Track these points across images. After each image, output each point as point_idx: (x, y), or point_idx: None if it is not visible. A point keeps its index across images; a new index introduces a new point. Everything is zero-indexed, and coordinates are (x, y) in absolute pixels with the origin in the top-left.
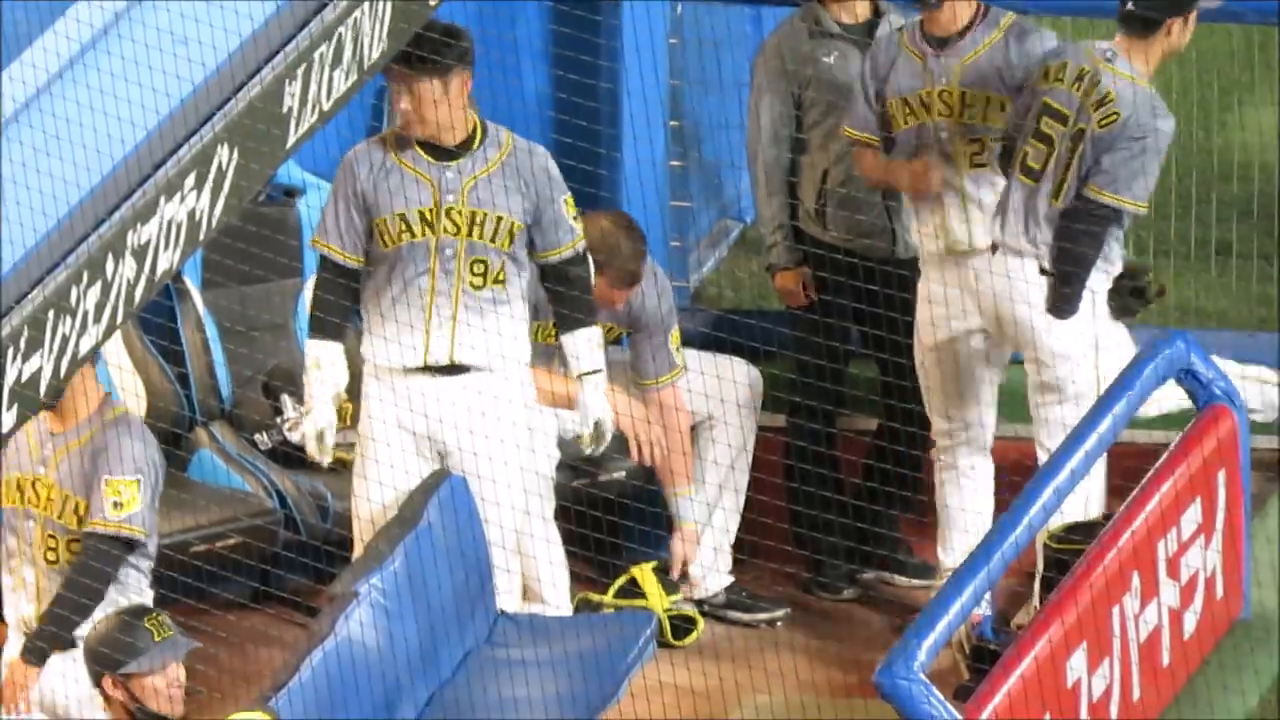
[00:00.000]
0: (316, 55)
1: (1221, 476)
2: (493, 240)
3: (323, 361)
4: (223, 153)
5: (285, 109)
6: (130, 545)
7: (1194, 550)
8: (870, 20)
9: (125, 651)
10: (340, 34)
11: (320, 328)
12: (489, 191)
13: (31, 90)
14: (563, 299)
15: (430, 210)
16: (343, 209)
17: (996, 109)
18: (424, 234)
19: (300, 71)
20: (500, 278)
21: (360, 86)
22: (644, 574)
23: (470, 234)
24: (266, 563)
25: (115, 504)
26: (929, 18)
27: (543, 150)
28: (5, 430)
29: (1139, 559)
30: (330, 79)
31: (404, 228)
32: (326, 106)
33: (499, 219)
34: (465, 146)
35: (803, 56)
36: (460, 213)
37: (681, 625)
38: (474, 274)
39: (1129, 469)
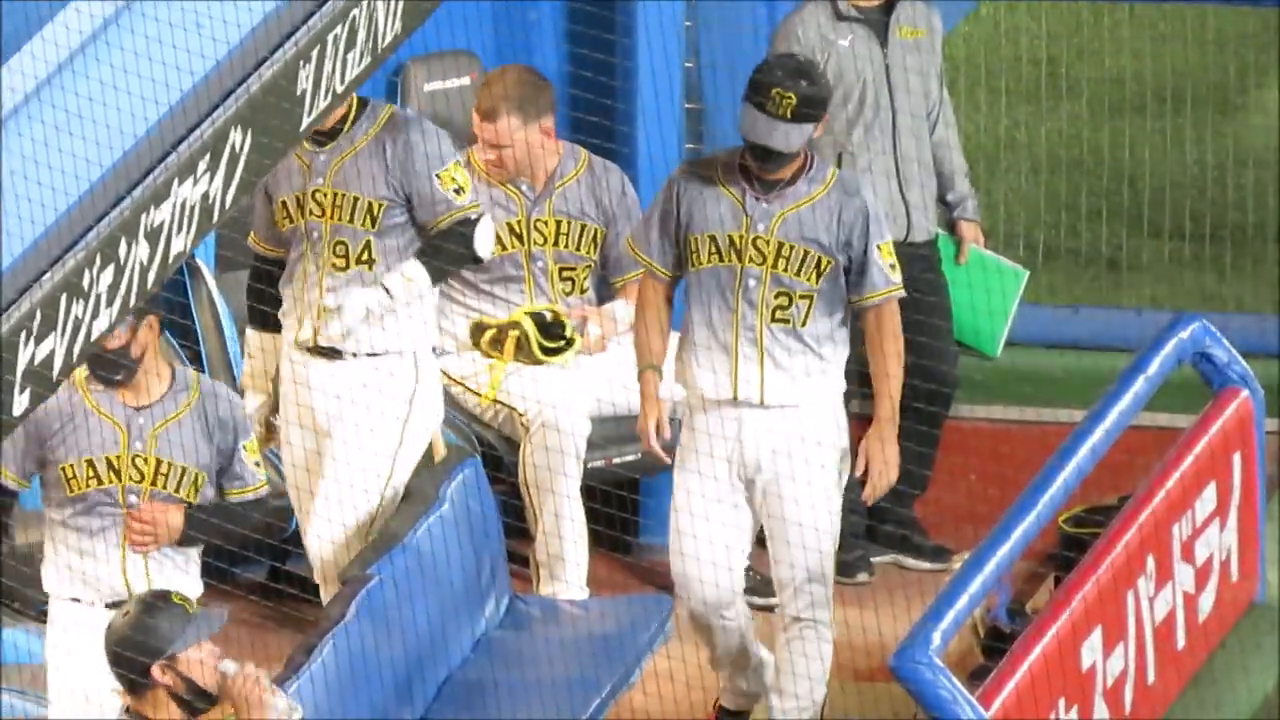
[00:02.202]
0: (330, 37)
1: (1237, 459)
2: (351, 220)
3: (251, 349)
4: (236, 135)
5: (299, 91)
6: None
7: (1209, 533)
8: (887, 3)
9: (170, 634)
10: (354, 16)
11: (250, 317)
12: (354, 172)
13: (47, 72)
14: (429, 266)
15: (302, 195)
16: (260, 199)
17: (813, 267)
18: (298, 219)
19: (314, 54)
20: (365, 258)
21: (374, 69)
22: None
23: (333, 216)
24: (283, 544)
25: (256, 464)
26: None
27: (419, 124)
28: (18, 413)
29: (1154, 542)
30: (344, 61)
31: (285, 214)
32: (340, 89)
33: (356, 199)
34: (339, 129)
35: (819, 40)
36: (325, 194)
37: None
38: (336, 255)
39: (1145, 451)
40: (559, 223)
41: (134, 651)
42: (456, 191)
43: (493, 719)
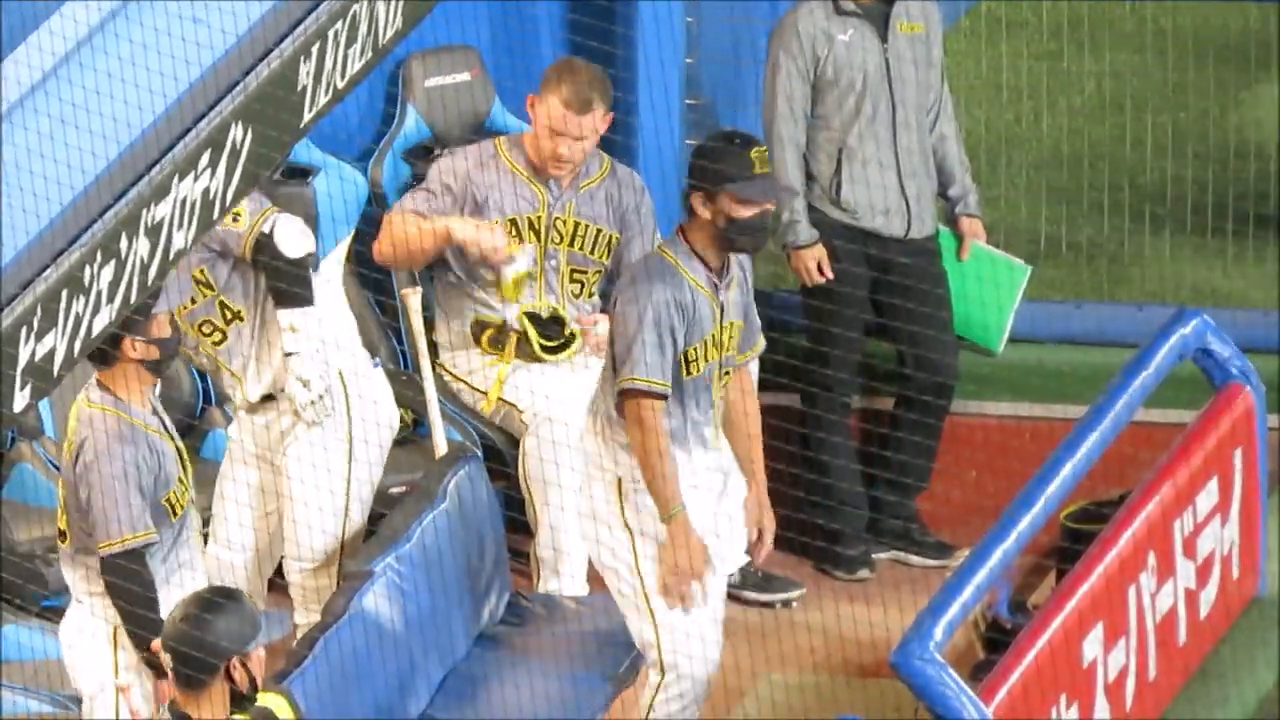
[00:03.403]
0: (331, 33)
1: (1238, 455)
2: (194, 301)
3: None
4: (237, 131)
5: (299, 87)
6: None
7: (1210, 529)
8: None
9: (247, 631)
10: (355, 12)
11: None
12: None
13: (46, 68)
14: (277, 293)
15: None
16: None
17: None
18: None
19: (315, 49)
20: (229, 318)
21: (375, 64)
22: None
23: (194, 300)
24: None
25: None
26: (718, 250)
27: None
28: (18, 408)
29: (1155, 538)
30: (345, 57)
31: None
32: (341, 85)
33: (194, 276)
34: None
35: (820, 34)
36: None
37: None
38: (206, 333)
39: (1147, 447)
40: (577, 224)
41: (210, 649)
42: (234, 220)
43: (495, 715)
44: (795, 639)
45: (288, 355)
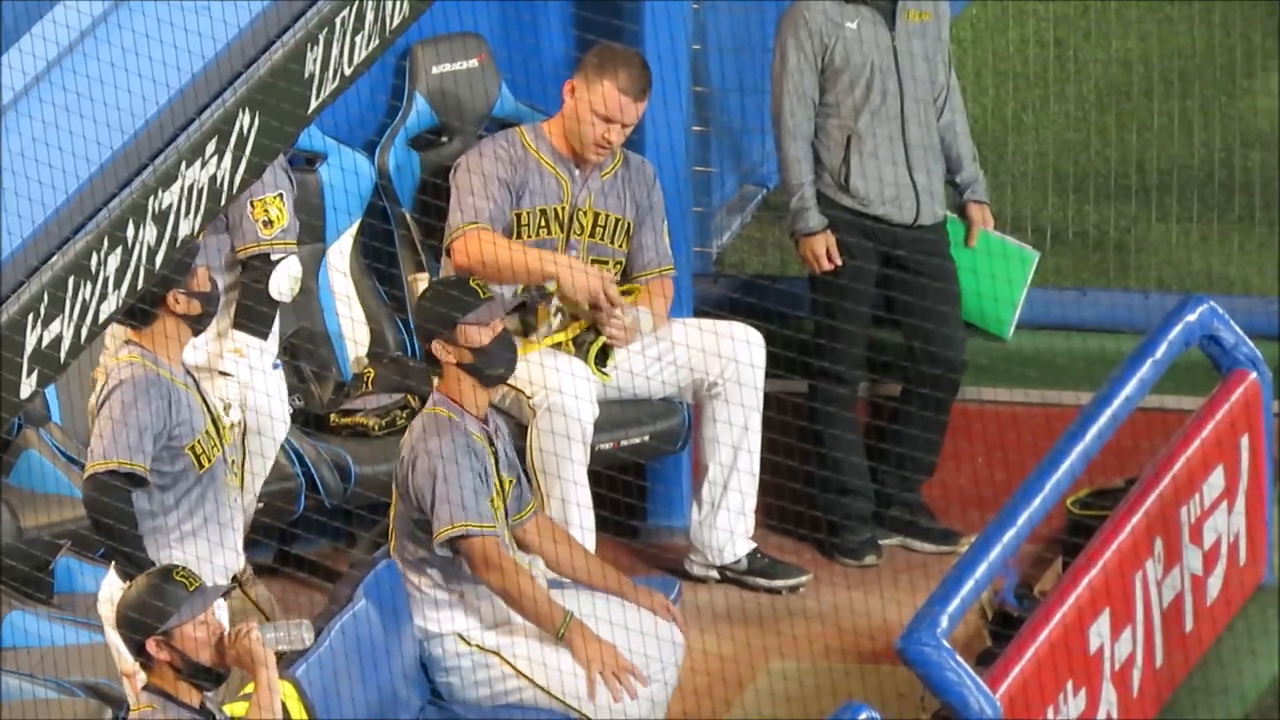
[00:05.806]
0: (338, 20)
1: (1245, 442)
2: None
3: None
4: (244, 118)
5: (307, 74)
6: None
7: (1217, 516)
8: None
9: (162, 608)
10: None
11: None
12: None
13: (50, 56)
14: (242, 316)
15: None
16: None
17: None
18: None
19: (322, 36)
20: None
21: (382, 52)
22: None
23: None
24: (290, 527)
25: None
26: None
27: None
28: (25, 394)
29: (1162, 525)
30: (352, 44)
31: None
32: (348, 72)
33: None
34: None
35: (828, 22)
36: None
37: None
38: None
39: (1152, 434)
40: (597, 215)
41: (131, 627)
42: (265, 225)
43: (500, 701)
44: (799, 626)
45: (223, 374)
